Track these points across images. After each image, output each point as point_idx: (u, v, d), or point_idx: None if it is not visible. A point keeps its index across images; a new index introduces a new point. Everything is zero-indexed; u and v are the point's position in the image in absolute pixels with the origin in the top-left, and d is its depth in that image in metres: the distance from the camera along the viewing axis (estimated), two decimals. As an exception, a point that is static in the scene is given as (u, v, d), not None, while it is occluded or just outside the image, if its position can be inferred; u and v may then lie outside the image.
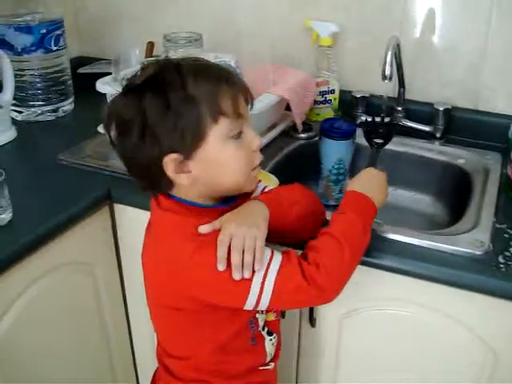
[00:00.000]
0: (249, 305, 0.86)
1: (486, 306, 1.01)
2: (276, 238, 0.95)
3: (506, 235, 1.08)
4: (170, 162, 0.85)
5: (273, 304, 0.87)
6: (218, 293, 0.87)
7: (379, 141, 1.26)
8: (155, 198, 0.94)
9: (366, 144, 1.28)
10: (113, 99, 0.89)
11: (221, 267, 0.83)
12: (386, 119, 1.22)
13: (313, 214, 1.02)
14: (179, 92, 0.83)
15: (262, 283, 0.84)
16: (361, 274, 1.04)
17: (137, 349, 1.49)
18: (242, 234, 0.85)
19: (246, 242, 0.85)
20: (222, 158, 0.87)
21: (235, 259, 0.84)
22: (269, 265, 0.85)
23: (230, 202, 0.94)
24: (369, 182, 1.02)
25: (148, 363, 1.13)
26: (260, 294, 0.85)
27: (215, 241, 0.85)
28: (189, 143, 0.85)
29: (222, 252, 0.84)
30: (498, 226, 1.10)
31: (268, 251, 0.87)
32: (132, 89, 0.86)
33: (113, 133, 0.88)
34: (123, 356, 1.48)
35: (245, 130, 0.89)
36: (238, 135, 0.88)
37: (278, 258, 0.87)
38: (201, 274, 0.86)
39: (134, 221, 1.01)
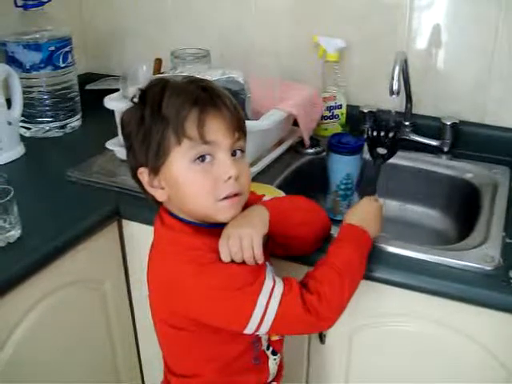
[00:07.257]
0: (249, 329, 0.87)
1: (497, 322, 1.00)
2: (281, 243, 0.98)
3: (517, 250, 1.07)
4: (141, 175, 0.90)
5: (272, 330, 0.89)
6: (220, 316, 0.89)
7: (383, 151, 1.21)
8: (159, 214, 0.95)
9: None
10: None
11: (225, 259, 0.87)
12: (391, 134, 1.20)
13: (317, 221, 1.04)
14: (153, 108, 0.87)
15: (265, 310, 0.86)
16: (370, 289, 1.04)
17: (144, 364, 1.49)
18: (237, 233, 0.87)
19: (242, 241, 0.87)
20: (181, 179, 0.87)
21: (236, 257, 0.87)
22: (272, 292, 0.86)
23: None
24: (366, 215, 1.03)
25: (155, 378, 1.13)
26: (261, 320, 0.86)
27: (214, 261, 0.86)
28: (152, 158, 0.87)
29: (223, 252, 0.87)
30: (507, 240, 1.10)
31: (270, 279, 0.88)
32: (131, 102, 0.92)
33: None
34: (131, 371, 1.47)
35: (219, 158, 0.87)
36: (203, 160, 0.87)
37: (280, 285, 0.88)
38: (202, 298, 0.87)
39: (142, 237, 1.01)
